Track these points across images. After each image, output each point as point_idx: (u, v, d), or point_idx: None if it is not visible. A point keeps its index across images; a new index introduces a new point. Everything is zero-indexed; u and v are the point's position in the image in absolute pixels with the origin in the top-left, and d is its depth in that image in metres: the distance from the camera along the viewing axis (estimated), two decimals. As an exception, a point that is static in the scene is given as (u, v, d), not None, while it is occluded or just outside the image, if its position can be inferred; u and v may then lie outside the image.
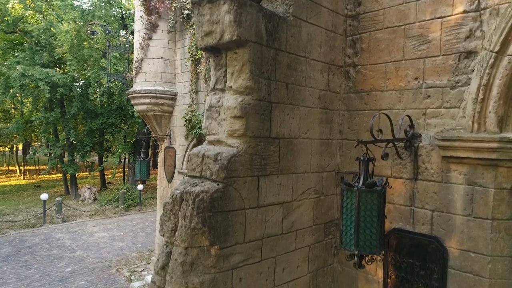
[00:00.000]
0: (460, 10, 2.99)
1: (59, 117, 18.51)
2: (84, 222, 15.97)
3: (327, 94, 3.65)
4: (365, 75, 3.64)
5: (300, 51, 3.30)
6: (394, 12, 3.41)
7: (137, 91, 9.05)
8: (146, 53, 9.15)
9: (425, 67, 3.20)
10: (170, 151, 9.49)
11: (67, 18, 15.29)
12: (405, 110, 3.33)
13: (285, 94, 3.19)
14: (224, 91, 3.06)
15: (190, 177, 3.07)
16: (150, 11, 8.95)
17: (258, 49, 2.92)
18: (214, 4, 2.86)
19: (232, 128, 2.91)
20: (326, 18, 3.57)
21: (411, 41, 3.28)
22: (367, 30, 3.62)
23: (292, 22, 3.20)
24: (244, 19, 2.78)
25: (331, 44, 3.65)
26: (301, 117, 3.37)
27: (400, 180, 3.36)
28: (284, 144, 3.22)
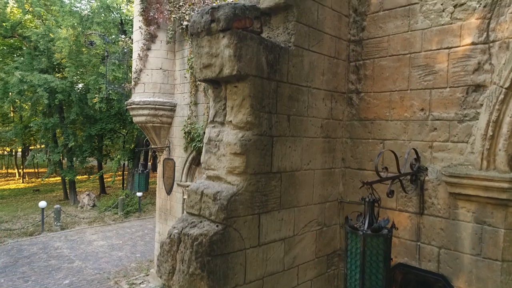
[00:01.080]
0: (468, 41, 2.89)
1: (57, 123, 18.39)
2: (82, 230, 15.85)
3: (330, 122, 3.55)
4: (368, 102, 3.53)
5: (302, 81, 3.20)
6: (399, 40, 3.31)
7: (135, 102, 8.95)
8: (145, 64, 9.05)
9: (431, 99, 3.10)
10: (169, 162, 9.39)
11: (66, 25, 15.16)
12: (410, 141, 3.22)
13: (286, 126, 3.08)
14: (224, 124, 2.96)
15: (188, 214, 2.96)
16: (149, 22, 8.85)
17: (259, 82, 2.82)
18: (213, 37, 2.76)
19: (232, 165, 2.81)
20: (329, 45, 3.46)
21: (417, 71, 3.18)
22: (371, 57, 3.52)
23: (294, 52, 3.10)
24: (244, 53, 2.68)
25: (333, 71, 3.54)
26: (303, 148, 3.27)
27: (405, 213, 3.25)
28: (286, 178, 3.11)
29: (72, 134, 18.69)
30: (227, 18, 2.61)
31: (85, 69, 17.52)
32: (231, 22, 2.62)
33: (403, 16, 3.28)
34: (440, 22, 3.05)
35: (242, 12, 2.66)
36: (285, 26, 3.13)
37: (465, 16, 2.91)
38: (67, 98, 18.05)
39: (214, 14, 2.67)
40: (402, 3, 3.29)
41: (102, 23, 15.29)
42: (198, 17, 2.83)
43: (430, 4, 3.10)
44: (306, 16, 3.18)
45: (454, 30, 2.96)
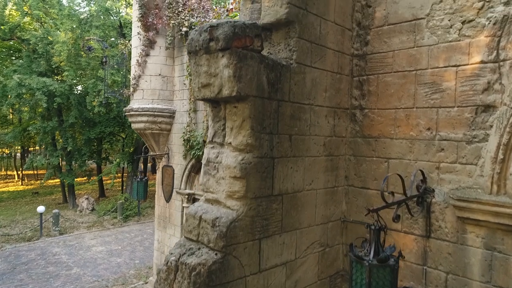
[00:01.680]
0: (477, 60, 2.78)
1: (56, 126, 18.28)
2: (81, 235, 15.74)
3: (333, 139, 3.44)
4: (372, 119, 3.42)
5: (304, 99, 3.09)
6: (404, 56, 3.20)
7: (134, 109, 8.84)
8: (143, 70, 8.94)
9: (438, 118, 2.99)
10: (168, 169, 9.28)
11: (64, 28, 15.04)
12: (416, 161, 3.11)
13: (288, 146, 2.97)
14: (223, 145, 2.84)
15: (186, 239, 2.85)
16: (147, 28, 8.74)
17: (259, 103, 2.71)
18: (212, 56, 2.65)
19: (231, 189, 2.69)
20: (332, 60, 3.35)
21: (423, 89, 3.07)
22: (375, 72, 3.40)
23: (296, 69, 2.99)
24: (244, 73, 2.57)
25: (336, 86, 3.43)
26: (305, 168, 3.16)
27: (411, 236, 3.14)
28: (288, 200, 3.00)
29: (71, 137, 18.58)
30: (226, 37, 2.49)
31: (84, 72, 17.40)
32: (231, 41, 2.51)
33: (409, 31, 3.17)
34: (447, 38, 2.94)
35: (242, 31, 2.55)
36: (287, 43, 3.02)
37: (474, 34, 2.80)
38: (66, 101, 17.94)
39: (213, 33, 2.56)
40: (407, 17, 3.18)
41: (100, 26, 15.17)
42: (196, 35, 2.72)
43: (437, 19, 2.99)
44: (308, 32, 3.07)
45: (462, 48, 2.85)
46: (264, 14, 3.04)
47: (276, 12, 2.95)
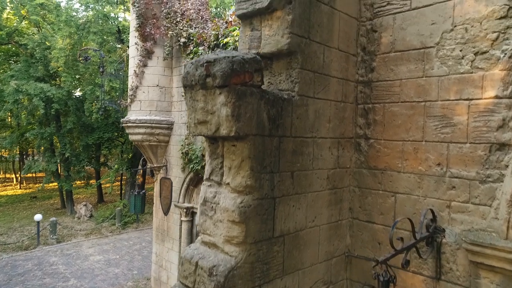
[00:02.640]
0: (491, 94, 2.61)
1: (54, 132, 18.10)
2: (79, 243, 15.56)
3: (337, 171, 3.27)
4: (378, 150, 3.25)
5: (307, 132, 2.92)
6: (412, 86, 3.03)
7: (131, 121, 8.67)
8: (141, 81, 8.78)
9: (449, 153, 2.82)
10: (166, 182, 9.10)
11: (62, 35, 14.87)
12: (425, 198, 2.94)
13: (290, 184, 2.80)
14: (221, 185, 2.67)
15: (182, 284, 2.68)
16: (145, 38, 8.57)
17: (259, 141, 2.54)
18: (209, 92, 2.48)
19: (229, 234, 2.52)
20: (336, 89, 3.18)
21: (433, 121, 2.90)
22: (381, 101, 3.24)
23: (298, 102, 2.82)
24: (243, 111, 2.40)
25: (340, 116, 3.26)
26: (308, 204, 2.99)
27: (420, 276, 2.97)
28: (289, 240, 2.83)
29: (69, 143, 18.40)
30: (224, 74, 2.32)
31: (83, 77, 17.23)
32: (229, 79, 2.34)
33: (417, 60, 3.00)
34: (459, 70, 2.77)
35: (241, 67, 2.38)
36: (288, 73, 2.85)
37: (488, 66, 2.63)
38: (64, 107, 17.78)
39: (210, 69, 2.39)
40: (416, 45, 3.01)
41: (98, 32, 14.99)
42: (192, 68, 2.55)
43: (448, 49, 2.82)
44: (311, 61, 2.90)
45: (475, 81, 2.69)
46: (265, 43, 2.87)
47: (277, 42, 2.78)
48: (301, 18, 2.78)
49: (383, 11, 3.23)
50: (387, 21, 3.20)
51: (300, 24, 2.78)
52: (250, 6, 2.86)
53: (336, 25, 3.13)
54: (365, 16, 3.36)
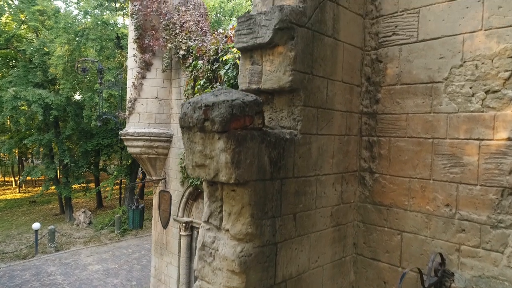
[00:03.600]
0: (503, 136, 2.49)
1: (53, 138, 17.99)
2: (78, 251, 15.43)
3: (340, 207, 3.15)
4: (384, 186, 3.13)
5: (309, 171, 2.80)
6: (419, 121, 2.91)
7: (130, 133, 8.55)
8: (139, 93, 8.66)
9: (458, 194, 2.70)
10: (165, 195, 8.98)
11: (61, 42, 14.74)
12: (433, 239, 2.82)
13: (292, 227, 2.68)
14: (220, 230, 2.55)
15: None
16: (143, 49, 8.45)
17: (260, 187, 2.42)
18: (207, 136, 2.36)
19: (229, 284, 2.40)
20: (339, 122, 3.06)
21: (441, 160, 2.78)
22: (386, 135, 3.12)
23: (301, 141, 2.70)
24: (243, 158, 2.28)
25: (344, 150, 3.14)
26: (311, 245, 2.87)
27: (427, 321, 2.84)
28: (292, 285, 2.71)
29: (67, 150, 18.28)
30: (223, 120, 2.20)
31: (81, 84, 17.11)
32: (228, 124, 2.22)
33: (425, 94, 2.88)
34: (468, 108, 2.65)
35: (241, 111, 2.26)
36: (290, 111, 2.73)
37: (500, 106, 2.51)
38: (63, 113, 17.66)
39: (208, 113, 2.27)
40: (423, 79, 2.89)
41: (97, 39, 14.87)
42: (190, 110, 2.43)
43: (457, 85, 2.71)
44: (314, 97, 2.79)
45: (486, 120, 2.57)
46: (266, 78, 2.75)
47: (278, 79, 2.66)
48: (303, 53, 2.67)
49: (388, 41, 3.11)
50: (392, 51, 3.08)
51: (303, 60, 2.66)
52: (251, 40, 2.74)
53: (340, 57, 3.01)
54: (369, 45, 3.24)
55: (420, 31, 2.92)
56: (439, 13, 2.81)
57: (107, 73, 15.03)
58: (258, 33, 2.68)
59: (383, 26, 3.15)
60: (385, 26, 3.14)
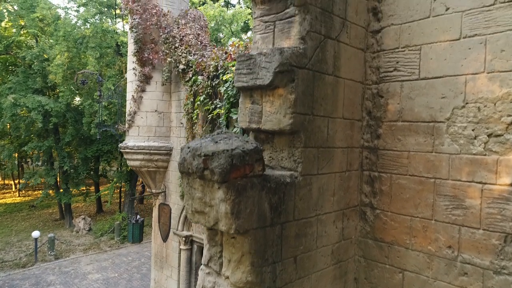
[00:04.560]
0: (506, 181, 2.47)
1: (52, 145, 17.95)
2: (77, 259, 15.38)
3: (341, 244, 3.12)
4: (385, 223, 3.10)
5: (310, 212, 2.77)
6: (421, 160, 2.88)
7: (129, 147, 8.52)
8: (139, 106, 8.63)
9: (461, 237, 2.67)
10: (165, 208, 8.95)
11: (60, 50, 14.71)
12: (435, 280, 2.79)
13: (293, 270, 2.65)
14: (220, 275, 2.52)
15: None
16: (143, 63, 8.43)
17: (261, 234, 2.39)
18: (207, 184, 2.33)
19: (229, 333, 2.37)
20: (340, 159, 3.04)
21: (443, 201, 2.75)
22: (387, 171, 3.09)
23: (301, 183, 2.67)
24: (243, 207, 2.25)
25: (345, 186, 3.12)
26: (312, 285, 2.84)
27: None
28: (292, 328, 2.68)
29: (67, 156, 18.24)
30: (223, 171, 2.17)
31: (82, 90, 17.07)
32: (228, 175, 2.19)
33: (426, 133, 2.85)
34: (471, 150, 2.62)
35: (241, 160, 2.23)
36: (291, 152, 2.71)
37: (503, 151, 2.49)
38: (62, 119, 17.63)
39: (208, 163, 2.24)
40: (424, 118, 2.86)
41: (96, 47, 14.84)
42: (189, 156, 2.40)
43: (459, 126, 2.68)
44: (314, 137, 2.76)
45: (489, 164, 2.54)
46: (266, 119, 2.72)
47: (279, 121, 2.63)
48: (304, 95, 2.64)
49: (389, 77, 3.08)
50: (394, 87, 3.06)
51: (303, 101, 2.63)
52: (251, 80, 2.71)
53: (340, 94, 2.98)
54: (370, 79, 3.21)
55: (421, 68, 2.89)
56: (441, 52, 2.78)
57: (106, 81, 15.01)
58: (258, 74, 2.66)
59: (384, 60, 3.13)
60: (386, 61, 3.11)
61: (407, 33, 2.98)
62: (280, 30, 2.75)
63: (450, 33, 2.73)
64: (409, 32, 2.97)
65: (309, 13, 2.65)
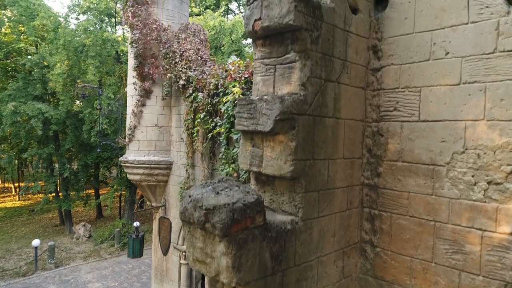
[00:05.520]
0: (506, 230, 2.48)
1: (53, 152, 17.96)
2: (77, 267, 15.38)
3: (342, 283, 3.13)
4: (385, 261, 3.11)
5: (311, 255, 2.78)
6: (421, 202, 2.89)
7: (130, 161, 8.53)
8: (139, 120, 8.64)
9: (460, 282, 2.68)
10: (165, 222, 8.96)
11: (60, 59, 14.71)
12: (435, 323, 2.81)
13: (293, 315, 2.66)
14: (221, 322, 2.53)
15: None
16: (143, 77, 8.44)
17: (262, 284, 2.40)
18: (208, 235, 2.34)
19: None
20: (341, 199, 3.05)
21: (443, 244, 2.77)
22: (388, 210, 3.10)
23: (302, 228, 2.68)
24: (244, 260, 2.26)
25: (345, 224, 3.13)
26: (312, 327, 2.85)
27: None
28: None
29: (67, 163, 18.25)
30: (224, 226, 2.18)
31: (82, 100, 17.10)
32: (229, 229, 2.21)
33: (426, 175, 2.87)
34: (471, 196, 2.63)
35: (242, 214, 2.24)
36: (292, 197, 2.72)
37: (502, 199, 2.50)
38: (62, 126, 17.64)
39: (209, 217, 2.25)
40: (424, 160, 2.87)
41: (96, 56, 14.84)
42: (190, 207, 2.41)
43: (459, 172, 2.69)
44: (315, 181, 2.77)
45: (489, 212, 2.55)
46: (266, 164, 2.73)
47: (279, 167, 2.64)
48: (304, 141, 2.65)
49: (389, 116, 3.10)
50: (394, 127, 3.07)
51: (304, 148, 2.65)
52: (252, 125, 2.72)
53: (341, 135, 3.00)
54: (371, 117, 3.23)
55: (421, 110, 2.90)
56: (440, 96, 2.79)
57: (107, 88, 15.01)
58: (259, 120, 2.67)
59: (384, 99, 3.14)
60: (386, 100, 3.13)
61: (407, 74, 3.00)
62: (281, 74, 2.76)
63: (450, 78, 2.75)
64: (409, 73, 2.98)
65: (310, 58, 2.67)
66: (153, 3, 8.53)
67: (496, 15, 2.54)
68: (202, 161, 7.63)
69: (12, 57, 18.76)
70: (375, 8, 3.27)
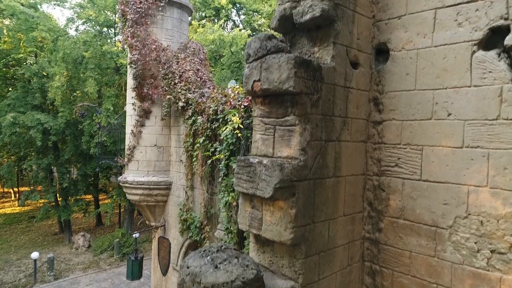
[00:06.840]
0: (509, 302, 2.43)
1: (52, 162, 17.91)
2: (77, 279, 15.33)
3: None
4: (387, 319, 3.07)
5: (311, 320, 2.73)
6: (423, 263, 2.84)
7: (129, 182, 8.49)
8: (138, 141, 8.61)
9: None
10: (164, 242, 8.92)
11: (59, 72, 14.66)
12: None
13: None
14: None
15: None
16: (142, 98, 8.41)
17: None
18: (207, 311, 2.29)
19: None
20: (341, 257, 3.00)
21: (446, 309, 2.72)
22: (389, 267, 3.06)
23: (302, 295, 2.63)
24: None
25: (346, 281, 3.08)
26: None
27: None
28: None
29: (67, 173, 18.20)
30: (223, 307, 2.14)
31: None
32: (228, 309, 2.16)
33: (428, 236, 2.82)
34: (474, 263, 2.59)
35: (241, 293, 2.20)
36: (292, 262, 2.67)
37: (506, 270, 2.45)
38: (61, 136, 17.59)
39: (208, 296, 2.21)
40: (426, 221, 2.83)
41: (95, 69, 14.80)
42: (188, 280, 2.35)
43: (461, 237, 2.65)
44: (315, 244, 2.73)
45: (492, 281, 2.51)
46: (266, 228, 2.69)
47: (279, 234, 2.59)
48: (305, 206, 2.61)
49: (391, 172, 3.05)
50: (395, 183, 3.03)
51: (304, 213, 2.60)
52: (251, 188, 2.68)
53: (341, 194, 2.95)
54: (372, 170, 3.18)
55: (423, 170, 2.86)
56: (443, 157, 2.75)
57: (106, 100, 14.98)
58: (259, 185, 2.62)
59: (385, 154, 3.10)
60: (387, 155, 3.08)
61: (408, 131, 2.95)
62: (280, 136, 2.72)
63: (452, 140, 2.71)
64: (411, 130, 2.94)
65: (310, 122, 2.63)
66: (152, 23, 8.50)
67: (499, 81, 2.49)
68: (202, 184, 7.58)
69: (12, 65, 18.71)
70: (375, 59, 3.22)
